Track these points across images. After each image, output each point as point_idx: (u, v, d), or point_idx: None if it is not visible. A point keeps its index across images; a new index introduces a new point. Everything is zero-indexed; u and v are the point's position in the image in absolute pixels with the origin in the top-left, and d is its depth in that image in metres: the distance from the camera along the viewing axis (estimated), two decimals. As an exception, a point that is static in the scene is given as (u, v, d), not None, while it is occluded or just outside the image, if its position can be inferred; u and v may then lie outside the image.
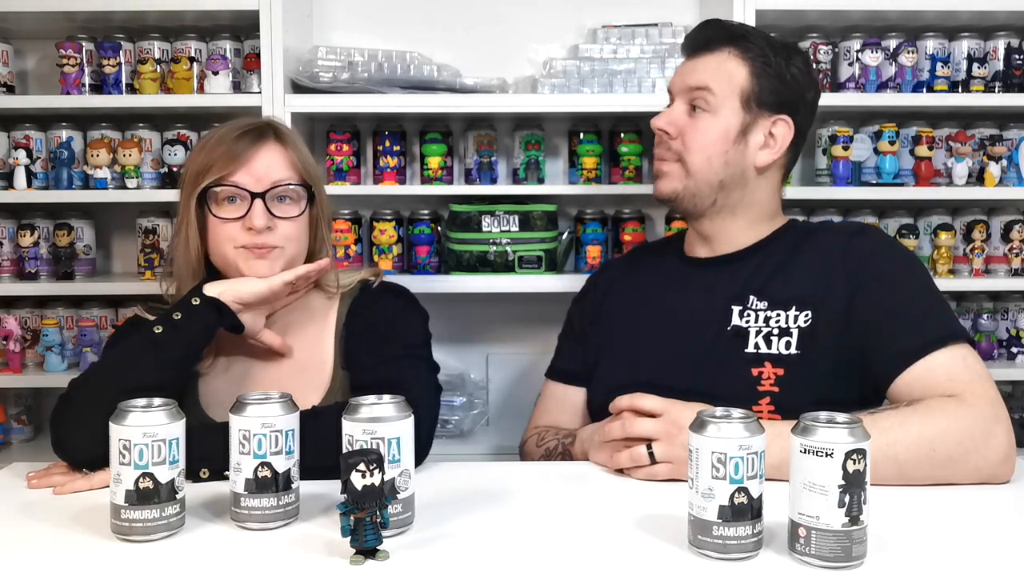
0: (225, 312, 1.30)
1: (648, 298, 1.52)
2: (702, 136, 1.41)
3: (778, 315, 1.37)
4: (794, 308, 1.36)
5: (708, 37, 1.45)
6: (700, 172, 1.41)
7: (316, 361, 1.39)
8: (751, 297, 1.39)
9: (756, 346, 1.36)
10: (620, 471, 1.24)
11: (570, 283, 1.73)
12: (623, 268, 1.64)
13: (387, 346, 1.36)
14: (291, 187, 1.36)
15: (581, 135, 2.24)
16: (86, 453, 1.20)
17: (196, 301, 1.29)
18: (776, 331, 1.35)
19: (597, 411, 1.44)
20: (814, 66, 2.13)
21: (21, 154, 2.15)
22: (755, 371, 1.34)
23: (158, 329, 1.27)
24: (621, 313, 1.53)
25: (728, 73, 1.41)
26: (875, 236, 1.46)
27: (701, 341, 1.40)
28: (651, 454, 1.19)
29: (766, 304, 1.38)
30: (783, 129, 1.42)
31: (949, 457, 1.17)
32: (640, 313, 1.50)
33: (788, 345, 1.34)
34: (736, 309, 1.40)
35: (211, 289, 1.31)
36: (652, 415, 1.21)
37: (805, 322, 1.35)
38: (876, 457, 1.00)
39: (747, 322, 1.38)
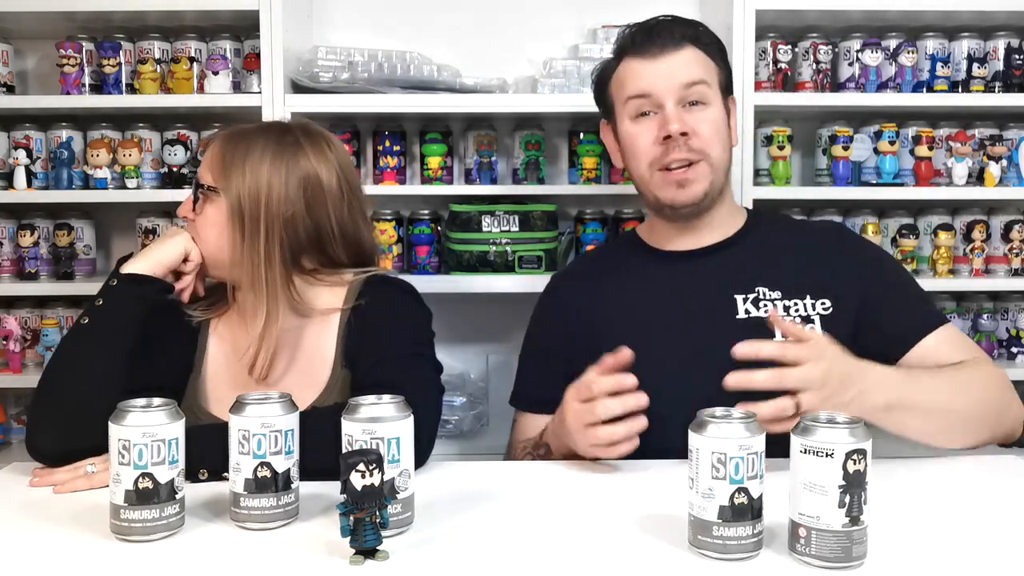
0: (146, 283, 1.32)
1: (637, 301, 1.47)
2: (710, 127, 1.42)
3: (795, 303, 1.39)
4: (809, 296, 1.40)
5: (671, 36, 1.43)
6: (720, 163, 1.44)
7: (317, 358, 1.38)
8: (761, 288, 1.41)
9: (784, 335, 1.29)
10: (595, 459, 1.23)
11: (570, 283, 1.74)
12: (584, 281, 1.57)
13: (389, 345, 1.34)
14: (201, 189, 1.37)
15: (581, 135, 2.24)
16: (53, 451, 1.24)
17: (113, 282, 1.33)
18: (798, 320, 1.38)
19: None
20: (815, 66, 2.16)
21: (21, 154, 2.15)
22: None
23: (84, 320, 1.31)
24: (609, 324, 1.45)
25: (706, 65, 1.45)
26: (855, 233, 1.59)
27: (716, 334, 1.32)
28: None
29: (780, 294, 1.40)
30: (734, 108, 1.51)
31: (993, 401, 1.29)
32: (635, 317, 1.45)
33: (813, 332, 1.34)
34: (740, 298, 1.41)
35: (129, 265, 1.33)
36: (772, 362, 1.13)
37: (825, 310, 1.38)
38: (925, 407, 1.15)
39: (766, 312, 1.38)
